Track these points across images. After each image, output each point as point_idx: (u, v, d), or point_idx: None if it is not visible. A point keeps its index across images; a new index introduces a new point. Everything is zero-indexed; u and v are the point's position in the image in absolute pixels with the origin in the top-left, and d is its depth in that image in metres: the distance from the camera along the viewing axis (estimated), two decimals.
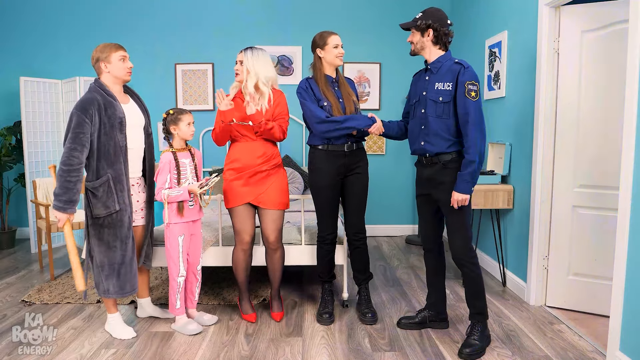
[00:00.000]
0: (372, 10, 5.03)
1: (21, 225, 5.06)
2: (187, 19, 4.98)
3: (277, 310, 2.97)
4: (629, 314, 2.22)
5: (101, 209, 2.48)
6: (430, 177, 2.56)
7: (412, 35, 2.57)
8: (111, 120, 2.47)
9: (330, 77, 2.81)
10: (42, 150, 4.62)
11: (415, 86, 2.67)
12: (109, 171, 2.49)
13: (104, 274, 2.55)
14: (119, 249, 2.54)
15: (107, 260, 2.54)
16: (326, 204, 2.85)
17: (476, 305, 2.55)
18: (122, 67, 2.54)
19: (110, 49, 2.53)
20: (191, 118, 2.71)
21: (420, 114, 2.55)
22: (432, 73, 2.53)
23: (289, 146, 5.06)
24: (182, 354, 2.53)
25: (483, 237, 3.98)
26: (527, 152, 3.25)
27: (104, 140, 2.46)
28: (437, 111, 2.48)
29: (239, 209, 2.80)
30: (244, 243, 2.83)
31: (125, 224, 2.55)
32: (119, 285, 2.57)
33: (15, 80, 4.66)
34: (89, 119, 2.39)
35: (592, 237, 2.93)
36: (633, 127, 2.18)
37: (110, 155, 2.49)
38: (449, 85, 2.45)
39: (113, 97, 2.51)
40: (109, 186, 2.48)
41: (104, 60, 2.51)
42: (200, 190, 2.65)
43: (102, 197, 2.48)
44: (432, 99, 2.49)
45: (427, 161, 2.56)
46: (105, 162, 2.48)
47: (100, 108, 2.43)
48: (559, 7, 2.96)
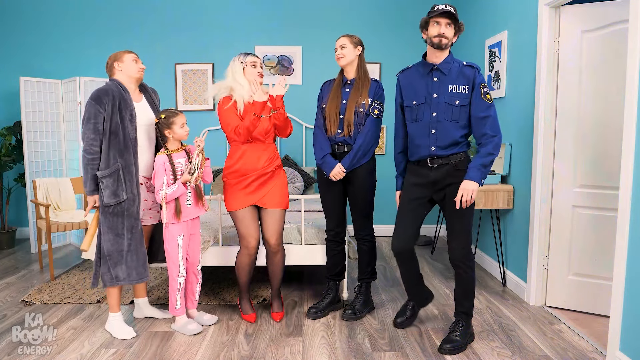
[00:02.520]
0: (372, 10, 5.03)
1: (21, 225, 5.06)
2: (187, 19, 4.98)
3: (277, 311, 2.97)
4: (629, 314, 2.22)
5: (111, 197, 2.54)
6: (437, 180, 2.48)
7: (448, 29, 2.36)
8: (123, 111, 2.56)
9: (345, 78, 2.85)
10: (42, 150, 4.62)
11: (412, 87, 2.51)
12: (120, 160, 2.56)
13: (112, 262, 2.59)
14: (126, 237, 2.58)
15: (115, 248, 2.58)
16: (327, 203, 2.97)
17: (464, 305, 2.58)
18: (134, 66, 2.66)
19: (123, 52, 2.68)
20: (184, 119, 2.69)
21: (431, 117, 2.43)
22: (444, 74, 2.42)
23: (289, 146, 5.05)
24: (182, 354, 2.53)
25: (483, 237, 3.98)
26: (527, 152, 3.25)
27: (115, 130, 2.54)
28: (454, 115, 2.39)
29: (244, 212, 2.77)
30: (251, 248, 2.80)
31: (133, 214, 2.60)
32: (127, 272, 2.60)
33: (15, 80, 4.66)
34: (103, 108, 2.51)
35: (592, 237, 2.93)
36: (633, 127, 2.18)
37: (121, 145, 2.56)
38: (465, 89, 2.38)
39: (127, 92, 2.62)
40: (118, 175, 2.55)
41: (117, 60, 2.64)
42: (192, 177, 2.63)
43: (112, 185, 2.53)
44: (448, 102, 2.40)
45: (434, 163, 2.46)
46: (116, 151, 2.55)
47: (114, 98, 2.54)
48: (559, 7, 2.96)
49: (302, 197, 3.23)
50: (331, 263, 3.05)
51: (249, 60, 2.75)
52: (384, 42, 5.00)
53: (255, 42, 5.00)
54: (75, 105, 4.40)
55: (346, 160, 2.77)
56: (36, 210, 3.99)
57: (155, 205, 2.83)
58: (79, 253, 4.46)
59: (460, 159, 2.45)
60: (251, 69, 2.74)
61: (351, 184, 2.87)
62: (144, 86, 2.82)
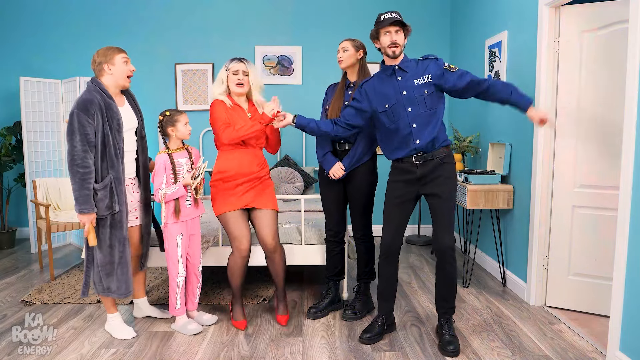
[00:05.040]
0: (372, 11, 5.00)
1: (21, 225, 5.06)
2: (187, 19, 4.98)
3: (283, 313, 2.90)
4: (629, 314, 2.23)
5: (104, 209, 2.50)
6: (423, 175, 2.51)
7: (399, 35, 2.47)
8: (110, 122, 2.49)
9: (348, 81, 2.90)
10: (42, 150, 4.62)
11: (380, 93, 2.55)
12: (111, 172, 2.51)
13: (105, 273, 2.56)
14: (117, 249, 2.56)
15: (108, 259, 2.55)
16: (327, 202, 3.00)
17: (450, 300, 2.61)
18: (125, 69, 2.58)
19: (113, 51, 2.57)
20: (187, 118, 2.72)
21: (407, 113, 2.48)
22: (405, 72, 2.52)
23: (289, 146, 5.05)
24: (182, 354, 2.53)
25: (483, 237, 3.98)
26: (527, 152, 3.25)
27: (105, 141, 2.47)
28: (428, 103, 2.48)
29: (234, 214, 2.75)
30: (243, 250, 2.74)
31: (124, 226, 2.58)
32: (117, 285, 2.58)
33: (15, 80, 4.66)
34: (92, 119, 2.41)
35: (592, 237, 2.93)
36: (633, 127, 2.18)
37: (112, 157, 2.50)
38: (429, 77, 2.48)
39: (111, 98, 2.53)
40: (111, 187, 2.50)
41: (107, 62, 2.54)
42: (195, 181, 2.64)
43: (106, 198, 2.49)
44: (417, 94, 2.48)
45: (419, 159, 2.50)
46: (107, 164, 2.50)
47: (101, 109, 2.45)
48: (559, 7, 2.96)
49: (302, 197, 3.23)
50: (331, 263, 3.06)
51: (232, 67, 2.76)
52: None
53: (255, 42, 5.01)
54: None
55: (346, 160, 2.81)
56: (36, 210, 3.99)
57: (140, 205, 2.78)
58: (79, 253, 4.46)
59: (444, 154, 2.52)
60: (232, 77, 2.75)
61: (351, 182, 2.88)
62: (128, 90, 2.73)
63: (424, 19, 5.02)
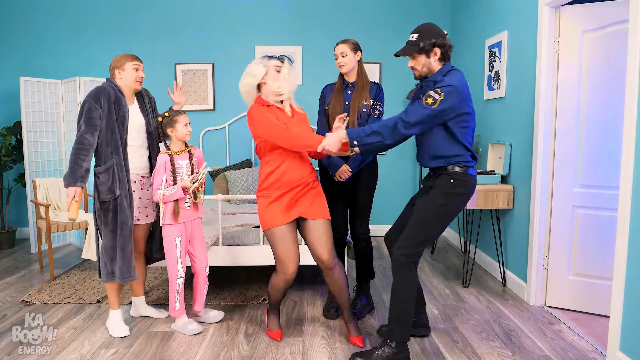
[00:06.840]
0: (372, 10, 5.03)
1: (21, 225, 5.06)
2: (187, 19, 4.98)
3: (357, 334, 2.64)
4: (629, 314, 2.23)
5: (107, 193, 2.57)
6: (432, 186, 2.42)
7: (415, 61, 2.30)
8: (116, 113, 2.59)
9: (346, 81, 2.89)
10: (42, 150, 4.62)
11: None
12: (115, 157, 2.59)
13: (108, 257, 2.62)
14: (118, 234, 2.61)
15: (111, 244, 2.61)
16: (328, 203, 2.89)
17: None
18: (134, 76, 2.67)
19: (127, 58, 2.67)
20: (187, 119, 2.70)
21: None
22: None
23: None
24: (182, 354, 2.53)
25: (483, 237, 3.98)
26: (527, 152, 3.25)
27: (112, 127, 2.58)
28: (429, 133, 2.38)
29: (284, 230, 2.46)
30: (289, 274, 2.49)
31: (125, 210, 2.61)
32: (120, 270, 2.62)
33: (15, 80, 4.66)
34: (99, 105, 2.55)
35: (592, 237, 2.93)
36: (633, 127, 2.18)
37: (117, 143, 2.60)
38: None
39: (122, 94, 2.65)
40: (113, 171, 2.58)
41: (118, 68, 2.66)
42: (193, 185, 2.64)
43: (108, 181, 2.56)
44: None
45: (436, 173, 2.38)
46: (112, 148, 2.59)
47: (110, 98, 2.58)
48: (559, 7, 2.96)
49: None
50: None
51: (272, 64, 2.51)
52: (384, 42, 4.99)
53: (255, 42, 5.00)
54: (75, 105, 4.39)
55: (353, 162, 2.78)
56: (36, 210, 3.99)
57: (151, 204, 2.82)
58: (79, 253, 4.46)
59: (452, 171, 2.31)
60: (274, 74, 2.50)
61: (356, 182, 2.88)
62: (141, 92, 2.80)
63: (424, 19, 4.98)
